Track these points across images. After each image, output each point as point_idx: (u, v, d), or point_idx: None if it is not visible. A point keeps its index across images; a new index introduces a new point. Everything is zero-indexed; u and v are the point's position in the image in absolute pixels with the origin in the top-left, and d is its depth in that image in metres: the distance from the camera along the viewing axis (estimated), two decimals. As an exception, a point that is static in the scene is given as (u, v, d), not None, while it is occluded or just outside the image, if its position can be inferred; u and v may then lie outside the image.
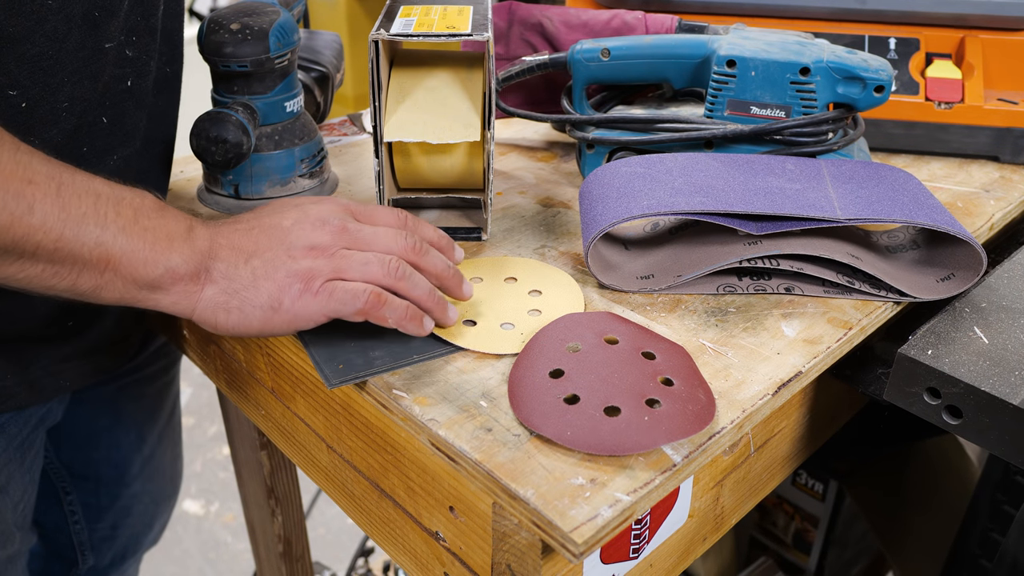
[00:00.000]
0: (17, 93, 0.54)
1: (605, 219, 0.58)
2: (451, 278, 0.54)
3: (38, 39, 0.54)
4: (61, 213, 0.45)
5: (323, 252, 0.50)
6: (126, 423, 0.89)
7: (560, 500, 0.42)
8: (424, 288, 0.52)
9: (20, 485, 0.73)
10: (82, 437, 0.86)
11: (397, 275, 0.51)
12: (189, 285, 0.49)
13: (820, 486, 1.01)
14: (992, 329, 0.56)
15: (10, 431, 0.69)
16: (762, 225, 0.58)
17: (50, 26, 0.54)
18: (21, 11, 0.52)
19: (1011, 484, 0.74)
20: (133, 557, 0.99)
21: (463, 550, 0.51)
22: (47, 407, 0.74)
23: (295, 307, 0.49)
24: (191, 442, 1.99)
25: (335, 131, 0.91)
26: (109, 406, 0.86)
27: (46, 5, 0.53)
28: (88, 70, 0.58)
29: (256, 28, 0.67)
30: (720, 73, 0.68)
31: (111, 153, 0.63)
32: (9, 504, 0.72)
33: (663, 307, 0.58)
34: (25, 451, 0.72)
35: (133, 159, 0.66)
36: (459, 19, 0.63)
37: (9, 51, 0.53)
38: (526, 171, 0.82)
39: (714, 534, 0.61)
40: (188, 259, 0.49)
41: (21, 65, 0.54)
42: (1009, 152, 0.81)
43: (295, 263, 0.50)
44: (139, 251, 0.47)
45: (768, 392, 0.50)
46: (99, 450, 0.88)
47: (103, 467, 0.89)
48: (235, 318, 0.50)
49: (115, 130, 0.62)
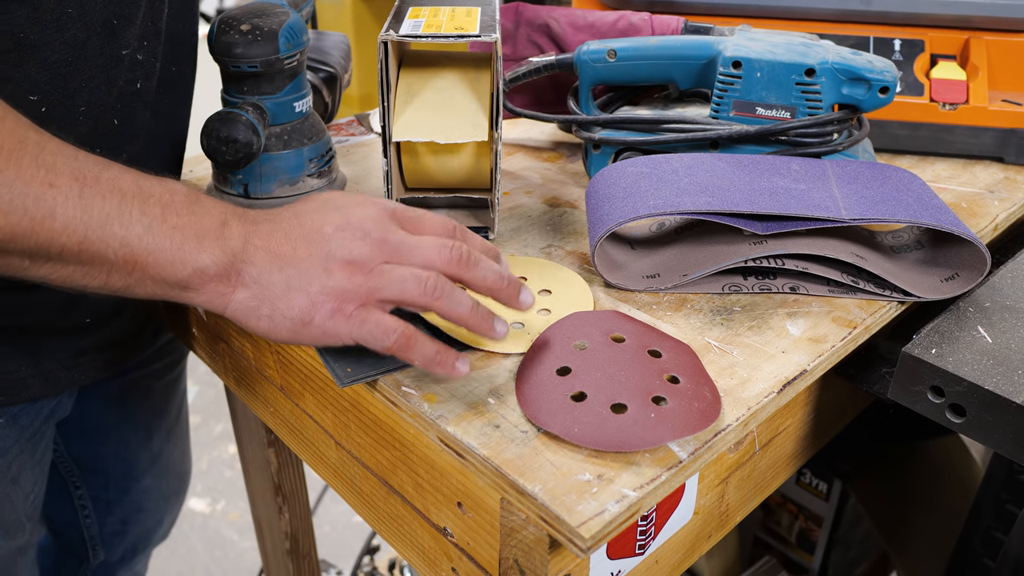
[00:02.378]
0: (38, 98, 0.56)
1: (611, 219, 0.58)
2: (504, 289, 0.50)
3: (58, 46, 0.55)
4: (83, 215, 0.45)
5: (360, 268, 0.48)
6: (134, 419, 0.90)
7: (567, 496, 0.43)
8: (465, 305, 0.49)
9: (31, 476, 0.74)
10: (91, 432, 0.87)
11: (435, 294, 0.48)
12: (220, 286, 0.48)
13: (824, 485, 1.02)
14: (996, 328, 0.57)
15: (22, 422, 0.70)
16: (767, 225, 0.58)
17: (70, 34, 0.55)
18: (43, 19, 0.54)
19: (1015, 483, 0.75)
20: (143, 552, 1.00)
21: (471, 545, 0.52)
22: (58, 400, 0.74)
23: (325, 326, 0.47)
24: (197, 440, 1.99)
25: (343, 131, 0.92)
26: (117, 401, 0.87)
27: (67, 14, 0.55)
28: (105, 75, 0.59)
29: (266, 29, 0.68)
30: (726, 74, 0.69)
31: (120, 152, 0.64)
32: (21, 495, 0.73)
33: (669, 306, 0.59)
34: (36, 443, 0.73)
35: (139, 157, 0.66)
36: (467, 20, 0.63)
37: (31, 58, 0.54)
38: (533, 171, 0.82)
39: (719, 531, 0.61)
40: (218, 259, 0.47)
41: (42, 71, 0.55)
42: (1013, 153, 0.82)
43: (330, 278, 0.47)
44: (166, 251, 0.46)
45: (773, 390, 0.51)
46: (107, 445, 0.89)
47: (111, 462, 0.90)
48: (265, 325, 0.48)
49: (124, 130, 0.64)
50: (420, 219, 0.51)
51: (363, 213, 0.49)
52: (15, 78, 0.55)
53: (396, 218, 0.50)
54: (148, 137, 0.67)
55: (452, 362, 0.48)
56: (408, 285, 0.47)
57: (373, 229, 0.48)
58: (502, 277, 0.50)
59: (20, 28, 0.53)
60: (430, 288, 0.48)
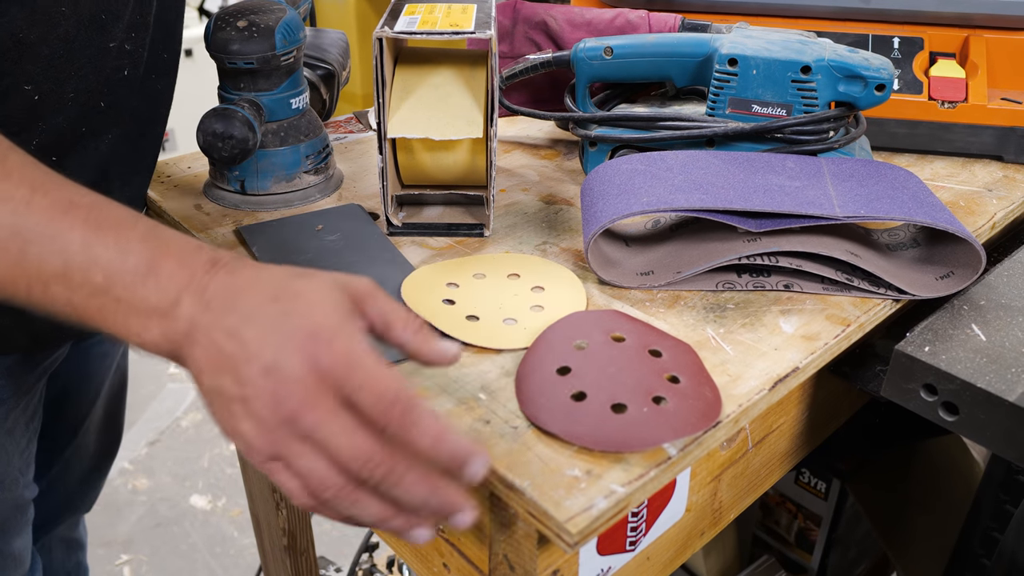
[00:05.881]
0: (31, 88, 0.58)
1: (606, 215, 0.58)
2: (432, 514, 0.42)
3: (52, 41, 0.58)
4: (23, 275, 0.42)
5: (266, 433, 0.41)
6: (96, 376, 0.91)
7: (556, 491, 0.43)
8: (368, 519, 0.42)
9: (24, 430, 0.75)
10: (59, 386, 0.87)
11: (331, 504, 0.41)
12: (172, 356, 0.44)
13: (823, 485, 1.01)
14: (990, 326, 0.57)
15: (16, 374, 0.71)
16: (761, 222, 0.58)
17: (62, 29, 0.58)
18: (38, 20, 0.56)
19: (1013, 483, 0.74)
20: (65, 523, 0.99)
21: (461, 541, 0.52)
22: (53, 356, 0.76)
23: (245, 452, 0.42)
24: (199, 438, 2.00)
25: (341, 128, 0.92)
26: (83, 357, 0.88)
27: (59, 12, 0.57)
28: (93, 65, 0.61)
29: (262, 26, 0.68)
30: (722, 71, 0.69)
31: (106, 133, 0.66)
32: (16, 448, 0.74)
33: (662, 303, 0.59)
34: (31, 397, 0.75)
35: (128, 138, 0.68)
36: (463, 17, 0.63)
37: (27, 54, 0.57)
38: (530, 168, 0.82)
39: (712, 528, 0.61)
40: (161, 342, 0.43)
41: (36, 65, 0.58)
42: (1013, 151, 0.81)
43: (240, 424, 0.41)
44: (109, 324, 0.43)
45: (765, 387, 0.51)
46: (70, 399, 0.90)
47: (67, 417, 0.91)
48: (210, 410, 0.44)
49: (111, 113, 0.65)
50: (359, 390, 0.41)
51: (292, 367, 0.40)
52: (13, 72, 0.57)
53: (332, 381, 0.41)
54: (134, 118, 0.69)
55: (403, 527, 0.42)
56: (311, 481, 0.41)
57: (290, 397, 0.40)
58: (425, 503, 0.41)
59: (19, 28, 0.56)
60: (327, 498, 0.41)
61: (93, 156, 0.66)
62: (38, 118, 0.60)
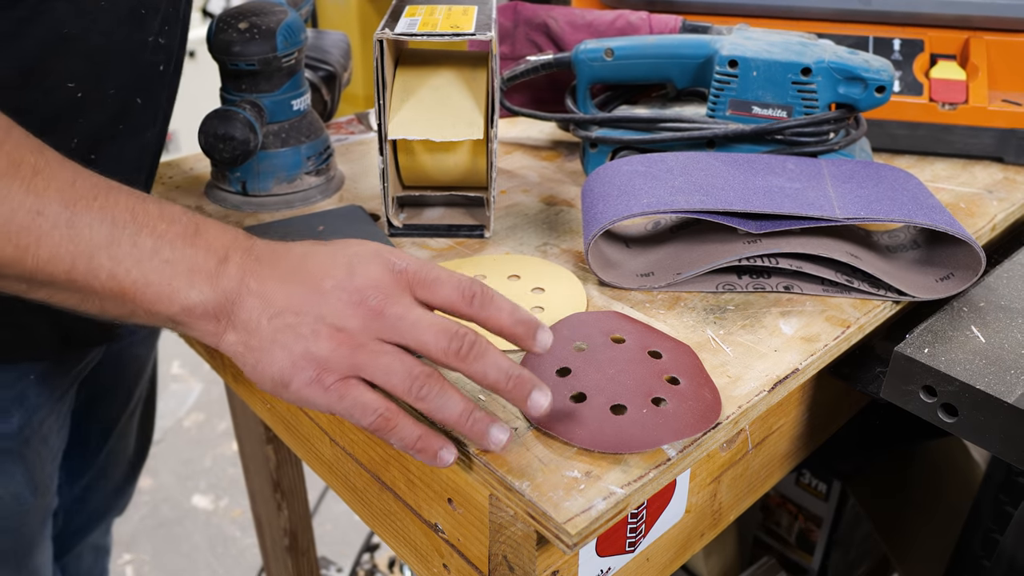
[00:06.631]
0: (74, 85, 0.59)
1: (606, 217, 0.59)
2: (511, 390, 0.44)
3: (93, 35, 0.59)
4: (70, 246, 0.43)
5: (348, 340, 0.43)
6: (126, 383, 0.91)
7: (555, 492, 0.43)
8: (453, 411, 0.44)
9: (57, 437, 0.75)
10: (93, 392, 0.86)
11: (418, 395, 0.43)
12: (210, 325, 0.45)
13: (824, 486, 1.01)
14: (990, 328, 0.57)
15: (52, 382, 0.71)
16: (761, 224, 0.58)
17: (103, 24, 0.59)
18: (82, 12, 0.57)
19: (1014, 485, 0.74)
20: (100, 524, 0.99)
21: (461, 542, 0.52)
22: (85, 361, 0.76)
23: (302, 392, 0.44)
24: (201, 438, 2.01)
25: (342, 129, 0.92)
26: (112, 364, 0.87)
27: (100, 5, 0.58)
28: (131, 60, 0.63)
29: (264, 27, 0.68)
30: (722, 73, 0.69)
31: (144, 131, 0.67)
32: (49, 455, 0.74)
33: (662, 304, 0.59)
34: (63, 404, 0.75)
35: (159, 136, 0.70)
36: (463, 19, 0.64)
37: (71, 48, 0.58)
38: (530, 170, 0.82)
39: (712, 530, 0.61)
40: (208, 298, 0.44)
41: (79, 61, 0.59)
42: (1013, 153, 0.81)
43: (315, 343, 0.44)
44: (153, 286, 0.44)
45: (764, 388, 0.51)
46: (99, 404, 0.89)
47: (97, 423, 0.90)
48: (250, 373, 0.46)
49: (146, 109, 0.67)
50: (435, 283, 0.45)
51: (367, 271, 0.45)
52: (58, 69, 0.58)
53: (407, 280, 0.45)
54: (164, 114, 0.70)
55: (435, 450, 0.45)
56: (394, 378, 0.43)
57: (373, 296, 0.44)
58: (509, 376, 0.44)
59: (64, 24, 0.57)
60: (416, 388, 0.43)
61: (130, 152, 0.66)
62: (80, 115, 0.60)
